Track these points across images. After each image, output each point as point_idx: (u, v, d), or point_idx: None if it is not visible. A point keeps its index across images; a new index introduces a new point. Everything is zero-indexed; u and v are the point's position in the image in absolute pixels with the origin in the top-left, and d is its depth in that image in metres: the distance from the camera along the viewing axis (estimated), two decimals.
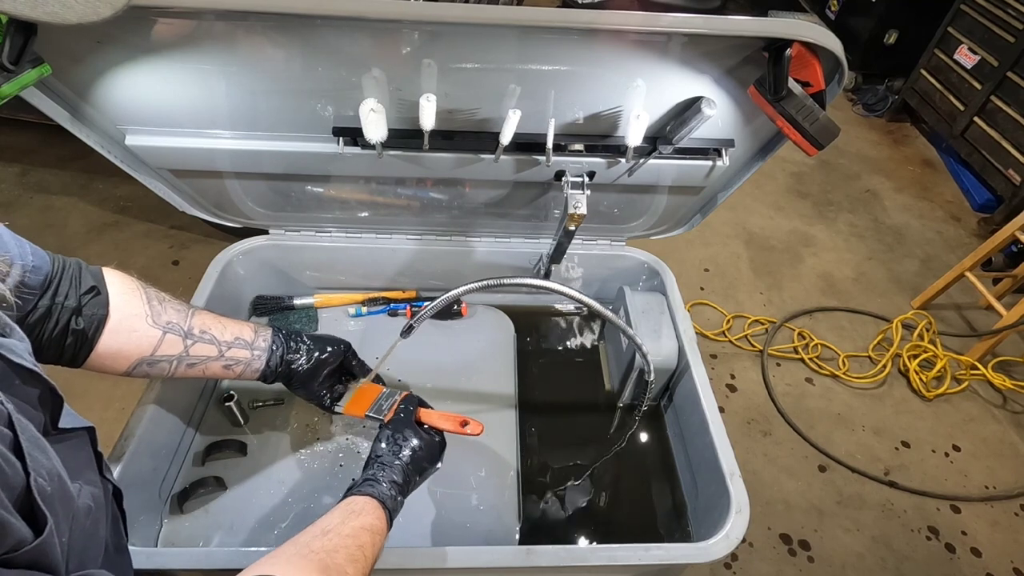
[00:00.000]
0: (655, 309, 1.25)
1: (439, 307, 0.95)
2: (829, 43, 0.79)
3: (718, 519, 0.93)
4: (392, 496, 0.78)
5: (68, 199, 2.62)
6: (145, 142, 1.02)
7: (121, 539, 0.68)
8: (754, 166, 1.12)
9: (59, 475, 0.47)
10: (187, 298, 1.15)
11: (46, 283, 0.70)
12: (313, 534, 0.67)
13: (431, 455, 0.88)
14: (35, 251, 0.69)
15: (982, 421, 2.15)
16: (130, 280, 0.80)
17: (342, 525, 0.69)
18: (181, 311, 0.84)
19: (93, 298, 0.73)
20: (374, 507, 0.75)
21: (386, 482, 0.79)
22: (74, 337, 0.72)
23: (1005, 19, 2.81)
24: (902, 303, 2.56)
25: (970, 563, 1.77)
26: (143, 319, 0.78)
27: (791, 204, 3.03)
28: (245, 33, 0.85)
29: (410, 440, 0.87)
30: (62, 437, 0.56)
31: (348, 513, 0.72)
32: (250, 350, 0.90)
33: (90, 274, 0.75)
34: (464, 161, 1.07)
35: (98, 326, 0.74)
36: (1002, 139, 2.83)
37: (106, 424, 1.84)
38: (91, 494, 0.55)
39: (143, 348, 0.79)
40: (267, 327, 0.95)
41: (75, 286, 0.72)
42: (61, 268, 0.72)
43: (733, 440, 1.01)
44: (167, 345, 0.81)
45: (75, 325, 0.72)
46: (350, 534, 0.68)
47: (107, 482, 0.65)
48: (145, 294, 0.80)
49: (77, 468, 0.56)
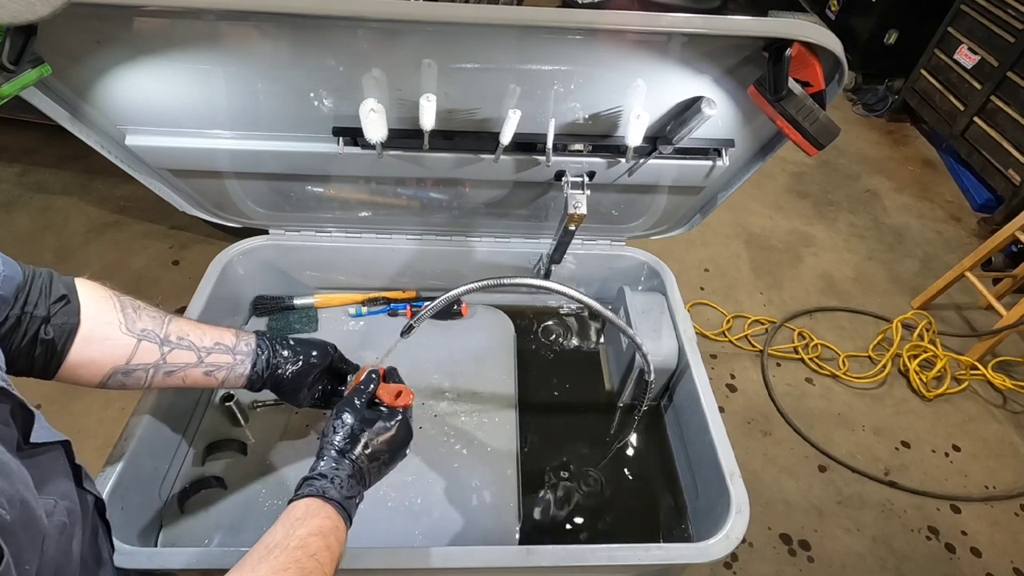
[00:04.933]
0: (655, 309, 1.25)
1: (439, 307, 0.95)
2: (829, 43, 0.79)
3: (718, 519, 0.93)
4: (338, 487, 0.72)
5: (68, 199, 2.62)
6: (145, 142, 1.02)
7: (102, 552, 0.67)
8: (754, 166, 1.12)
9: (21, 500, 0.45)
10: (187, 298, 1.16)
11: (17, 293, 0.68)
12: (259, 555, 0.63)
13: (381, 433, 0.80)
14: (5, 261, 0.67)
15: (982, 421, 2.15)
16: (103, 288, 0.78)
17: (288, 537, 0.64)
18: (157, 318, 0.81)
19: (63, 307, 0.71)
20: (318, 506, 0.70)
21: (328, 472, 0.73)
22: (43, 347, 0.70)
23: (1005, 19, 2.81)
24: (902, 303, 2.56)
25: (970, 563, 1.77)
26: (116, 327, 0.76)
27: (791, 204, 3.03)
28: (245, 33, 0.84)
29: (349, 422, 0.79)
30: (34, 452, 0.55)
31: (292, 523, 0.67)
32: (232, 354, 0.87)
33: (61, 283, 0.73)
34: (464, 161, 1.07)
35: (68, 335, 0.71)
36: (1002, 139, 2.83)
37: (106, 424, 1.85)
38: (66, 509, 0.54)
39: (117, 357, 0.76)
40: (250, 332, 0.92)
41: (44, 295, 0.70)
42: (31, 277, 0.70)
43: (733, 440, 1.01)
44: (143, 353, 0.78)
45: (44, 335, 0.69)
46: (298, 546, 0.64)
47: (87, 494, 0.64)
48: (119, 302, 0.77)
49: (52, 482, 0.55)
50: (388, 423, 0.81)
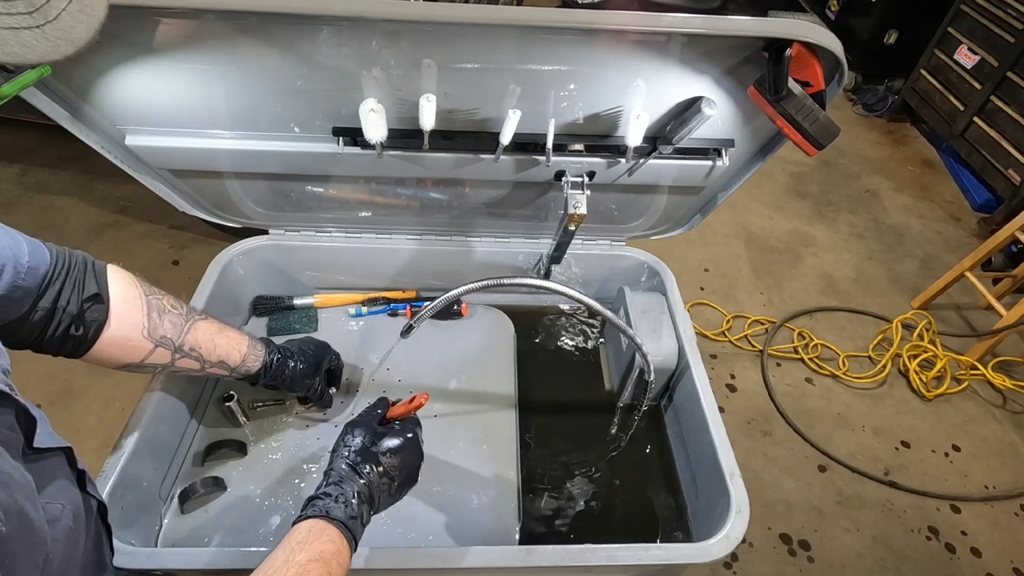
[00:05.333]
0: (655, 309, 1.25)
1: (439, 307, 0.95)
2: (829, 43, 0.79)
3: (718, 519, 0.93)
4: (343, 507, 0.70)
5: (68, 199, 2.62)
6: (145, 142, 1.02)
7: (104, 557, 0.67)
8: (754, 166, 1.12)
9: (19, 511, 0.44)
10: (187, 299, 1.15)
11: (44, 283, 0.69)
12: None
13: (393, 453, 0.79)
14: (34, 249, 0.68)
15: (982, 421, 2.15)
16: (133, 286, 0.80)
17: (287, 564, 0.62)
18: (178, 325, 0.85)
19: (94, 305, 0.74)
20: (321, 528, 0.67)
21: (334, 492, 0.71)
22: (73, 342, 0.74)
23: (1005, 19, 2.81)
24: (902, 303, 2.56)
25: (970, 563, 1.77)
26: (139, 330, 0.79)
27: (791, 204, 3.03)
28: (245, 33, 0.84)
29: (361, 440, 0.78)
30: (39, 457, 0.56)
31: (292, 547, 0.64)
32: (230, 372, 0.93)
33: (94, 277, 0.75)
34: (464, 161, 1.07)
35: (97, 331, 0.75)
36: (1002, 139, 2.83)
37: (106, 424, 1.84)
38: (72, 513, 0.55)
39: (133, 356, 0.81)
40: (261, 346, 0.97)
41: (78, 290, 0.72)
42: (65, 267, 0.72)
43: (733, 440, 1.01)
44: (156, 356, 0.83)
45: (74, 331, 0.73)
46: (298, 572, 0.61)
47: (90, 498, 0.65)
48: (146, 304, 0.81)
49: (57, 487, 0.56)
50: (399, 440, 0.81)
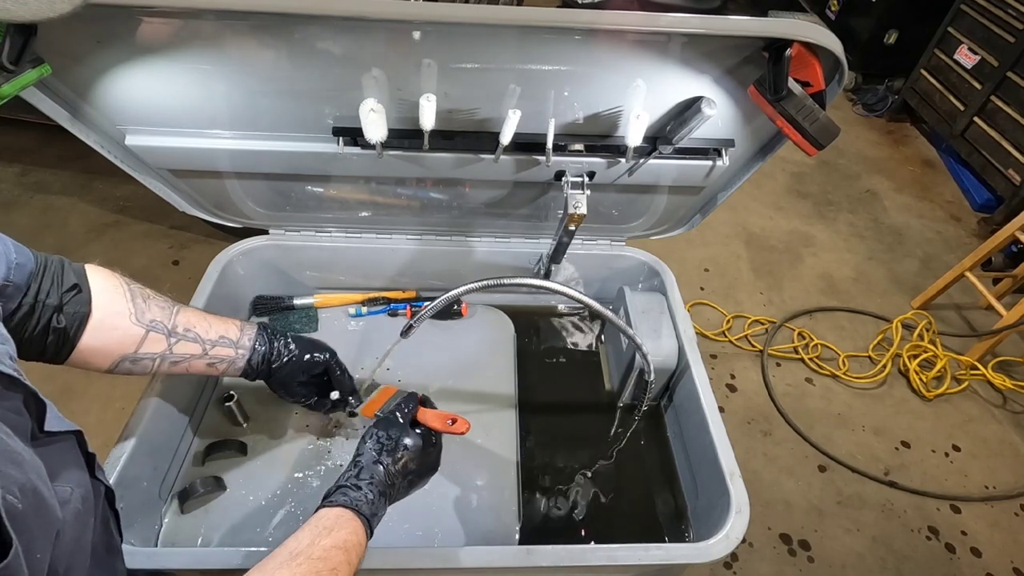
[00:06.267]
0: (655, 309, 1.25)
1: (439, 307, 0.95)
2: (829, 43, 0.79)
3: (718, 519, 0.93)
4: (370, 502, 0.72)
5: (68, 199, 2.62)
6: (145, 142, 1.02)
7: (113, 539, 0.67)
8: (754, 166, 1.12)
9: (33, 489, 0.45)
10: (187, 298, 1.16)
11: (30, 280, 0.69)
12: (280, 559, 0.62)
13: (419, 456, 0.82)
14: (17, 248, 0.68)
15: (982, 421, 2.15)
16: (113, 277, 0.79)
17: (312, 547, 0.64)
18: (165, 308, 0.83)
19: (75, 296, 0.73)
20: (348, 519, 0.69)
21: (364, 486, 0.73)
22: (55, 335, 0.72)
23: (1005, 19, 2.81)
24: (902, 303, 2.56)
25: (970, 563, 1.77)
26: (126, 317, 0.77)
27: (791, 204, 3.03)
28: (245, 33, 0.84)
29: (393, 439, 0.80)
30: (49, 441, 0.56)
31: (319, 531, 0.66)
32: (235, 348, 0.90)
33: (72, 271, 0.74)
34: (464, 161, 1.07)
35: (80, 324, 0.73)
36: (1002, 139, 2.83)
37: (106, 424, 1.84)
38: (81, 497, 0.55)
39: (126, 346, 0.78)
40: (253, 324, 0.94)
41: (57, 284, 0.71)
42: (44, 265, 0.71)
43: (733, 440, 1.01)
44: (150, 343, 0.80)
45: (56, 323, 0.71)
46: (321, 556, 0.63)
47: (98, 483, 0.65)
48: (129, 291, 0.79)
49: (66, 471, 0.56)
50: (429, 447, 0.83)
